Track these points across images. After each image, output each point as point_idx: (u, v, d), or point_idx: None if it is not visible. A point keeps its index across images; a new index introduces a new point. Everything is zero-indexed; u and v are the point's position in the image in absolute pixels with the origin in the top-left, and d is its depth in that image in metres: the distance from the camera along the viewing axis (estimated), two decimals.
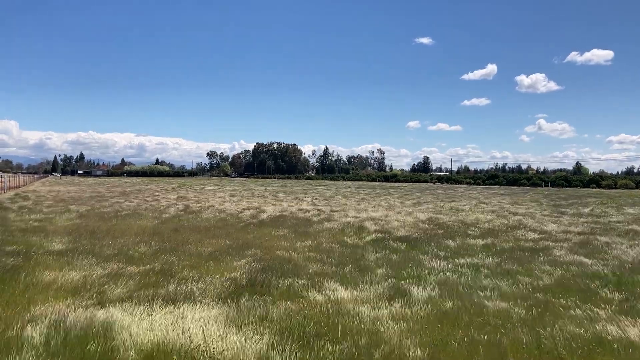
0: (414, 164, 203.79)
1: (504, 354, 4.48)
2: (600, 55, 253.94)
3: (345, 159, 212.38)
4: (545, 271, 8.26)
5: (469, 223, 15.98)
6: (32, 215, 16.67)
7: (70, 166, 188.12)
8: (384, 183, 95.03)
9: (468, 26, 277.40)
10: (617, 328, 5.21)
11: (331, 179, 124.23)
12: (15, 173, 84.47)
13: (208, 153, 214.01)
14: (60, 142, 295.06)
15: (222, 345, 4.48)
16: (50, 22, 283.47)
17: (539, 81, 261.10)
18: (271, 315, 5.44)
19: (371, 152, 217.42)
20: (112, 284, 6.76)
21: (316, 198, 31.34)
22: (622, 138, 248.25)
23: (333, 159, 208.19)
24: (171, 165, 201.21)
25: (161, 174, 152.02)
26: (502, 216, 18.84)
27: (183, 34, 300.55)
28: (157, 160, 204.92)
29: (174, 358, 4.20)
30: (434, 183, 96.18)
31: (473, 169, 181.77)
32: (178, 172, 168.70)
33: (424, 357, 4.40)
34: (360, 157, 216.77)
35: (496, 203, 28.19)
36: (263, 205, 23.65)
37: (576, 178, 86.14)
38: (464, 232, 13.58)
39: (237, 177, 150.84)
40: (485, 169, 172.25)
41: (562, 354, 4.50)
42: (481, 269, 8.27)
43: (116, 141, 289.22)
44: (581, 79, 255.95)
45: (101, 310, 5.44)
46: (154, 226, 14.07)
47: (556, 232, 13.75)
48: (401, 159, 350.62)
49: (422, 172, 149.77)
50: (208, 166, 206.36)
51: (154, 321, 5.07)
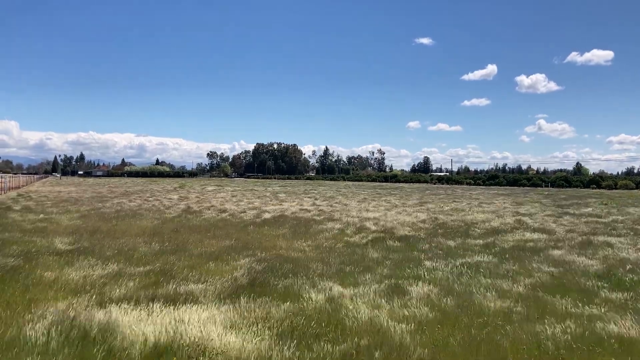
0: (414, 165, 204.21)
1: (505, 355, 4.48)
2: (600, 55, 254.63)
3: (345, 160, 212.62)
4: (545, 271, 8.26)
5: (469, 223, 15.98)
6: (33, 215, 16.67)
7: (70, 166, 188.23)
8: (384, 183, 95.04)
9: (468, 26, 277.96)
10: (618, 328, 5.21)
11: (331, 180, 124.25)
12: (15, 173, 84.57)
13: (208, 153, 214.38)
14: (60, 143, 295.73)
15: (223, 345, 4.48)
16: (50, 22, 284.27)
17: (539, 81, 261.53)
18: (271, 315, 5.45)
19: (371, 153, 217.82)
20: (113, 284, 6.77)
21: (317, 198, 31.34)
22: (622, 138, 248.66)
23: (333, 160, 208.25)
24: (171, 165, 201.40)
25: (161, 175, 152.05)
26: (503, 216, 18.83)
27: (183, 34, 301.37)
28: (158, 160, 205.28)
29: (174, 359, 4.21)
30: (434, 183, 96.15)
31: (473, 170, 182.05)
32: (178, 173, 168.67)
33: (425, 358, 4.40)
34: (360, 158, 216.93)
35: (496, 203, 28.18)
36: (264, 205, 23.65)
37: (576, 178, 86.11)
38: (465, 232, 13.57)
39: (237, 178, 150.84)
40: (485, 170, 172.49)
41: (563, 354, 4.50)
42: (481, 269, 8.27)
43: (116, 141, 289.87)
44: (581, 79, 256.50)
45: (101, 310, 5.44)
46: (155, 226, 14.07)
47: (557, 232, 13.74)
48: (401, 160, 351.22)
49: (422, 173, 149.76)
50: (208, 167, 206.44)
51: (154, 321, 5.07)
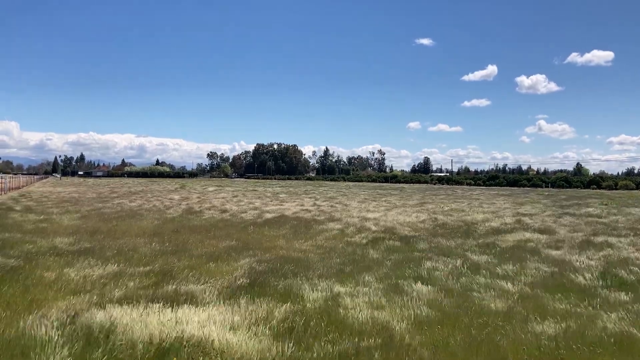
0: (415, 165, 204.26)
1: (505, 355, 4.48)
2: (600, 56, 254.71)
3: (345, 160, 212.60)
4: (545, 271, 8.26)
5: (470, 223, 15.98)
6: (33, 216, 16.68)
7: (70, 167, 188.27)
8: (385, 184, 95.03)
9: (468, 27, 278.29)
10: (619, 328, 5.21)
11: (331, 180, 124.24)
12: (15, 174, 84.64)
13: (208, 154, 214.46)
14: (60, 143, 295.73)
15: (223, 345, 4.48)
16: (50, 22, 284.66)
17: (539, 82, 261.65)
18: (272, 315, 5.45)
19: (371, 153, 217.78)
20: (113, 285, 6.77)
21: (317, 198, 31.34)
22: (623, 139, 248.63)
23: (333, 160, 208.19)
24: (171, 166, 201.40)
25: (161, 175, 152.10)
26: (503, 216, 18.82)
27: (183, 34, 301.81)
28: (158, 161, 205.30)
29: (174, 359, 4.21)
30: (435, 184, 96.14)
31: (473, 170, 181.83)
32: (178, 173, 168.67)
33: (425, 358, 4.40)
34: (360, 158, 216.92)
35: (496, 203, 28.17)
36: (264, 205, 23.65)
37: (576, 179, 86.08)
38: (465, 233, 13.57)
39: (238, 178, 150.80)
40: (485, 170, 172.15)
41: (563, 355, 4.50)
42: (481, 269, 8.26)
43: (116, 142, 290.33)
44: (581, 80, 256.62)
45: (102, 310, 5.44)
46: (156, 227, 14.08)
47: (557, 232, 13.73)
48: (401, 160, 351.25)
49: (423, 173, 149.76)
50: (208, 167, 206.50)
51: (155, 322, 5.07)
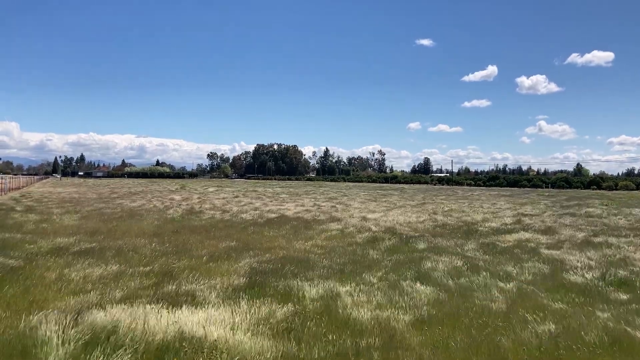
0: (415, 166, 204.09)
1: (505, 356, 4.48)
2: (600, 56, 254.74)
3: (345, 160, 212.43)
4: (546, 271, 8.26)
5: (470, 223, 15.98)
6: (33, 216, 16.67)
7: (70, 167, 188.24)
8: (385, 184, 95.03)
9: (468, 27, 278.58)
10: (619, 328, 5.21)
11: (332, 180, 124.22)
12: (15, 174, 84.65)
13: (208, 154, 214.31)
14: (60, 144, 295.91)
15: (223, 345, 4.49)
16: (50, 22, 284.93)
17: (540, 82, 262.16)
18: (272, 315, 5.45)
19: (372, 154, 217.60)
20: (114, 285, 6.77)
21: (317, 199, 31.35)
22: (623, 139, 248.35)
23: (333, 161, 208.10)
24: (171, 166, 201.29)
25: (161, 175, 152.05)
26: (503, 217, 18.83)
27: (183, 34, 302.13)
28: (158, 161, 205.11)
29: (175, 359, 4.21)
30: (435, 184, 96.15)
31: (473, 171, 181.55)
32: (178, 174, 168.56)
33: (425, 358, 4.40)
34: (360, 159, 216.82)
35: (497, 204, 28.18)
36: (265, 206, 23.65)
37: (577, 179, 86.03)
38: (465, 233, 13.57)
39: (238, 179, 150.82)
40: (485, 171, 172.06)
41: (563, 355, 4.50)
42: (482, 269, 8.26)
43: (117, 142, 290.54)
44: (582, 80, 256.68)
45: (102, 311, 5.44)
46: (156, 227, 14.08)
47: (557, 232, 13.73)
48: (402, 161, 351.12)
49: (423, 174, 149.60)
50: (208, 167, 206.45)
51: (156, 322, 5.07)
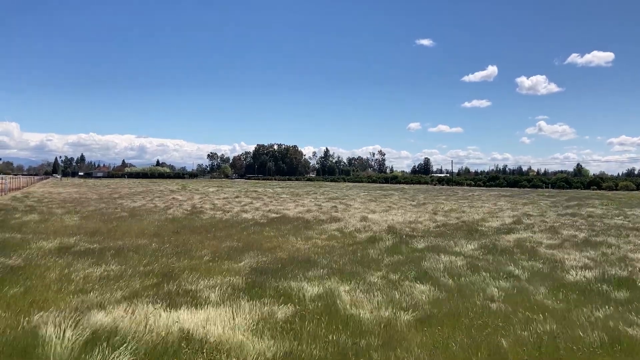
0: (415, 166, 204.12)
1: (505, 356, 4.48)
2: (600, 56, 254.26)
3: (345, 161, 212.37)
4: (546, 271, 8.26)
5: (470, 223, 15.98)
6: (33, 216, 16.68)
7: (70, 168, 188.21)
8: (385, 185, 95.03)
9: (468, 27, 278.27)
10: (619, 328, 5.21)
11: (332, 181, 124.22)
12: (16, 175, 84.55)
13: (209, 155, 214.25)
14: (61, 144, 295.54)
15: (224, 345, 4.49)
16: (50, 22, 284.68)
17: (540, 83, 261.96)
18: (273, 315, 5.45)
19: (372, 154, 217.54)
20: (114, 285, 6.77)
21: (318, 199, 31.35)
22: (623, 140, 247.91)
23: (333, 161, 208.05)
24: (172, 166, 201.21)
25: (162, 176, 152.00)
26: (503, 217, 18.83)
27: (183, 34, 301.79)
28: (158, 162, 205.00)
29: (175, 359, 4.21)
30: (435, 185, 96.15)
31: (473, 171, 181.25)
32: (178, 174, 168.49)
33: (425, 358, 4.40)
34: (360, 159, 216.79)
35: (497, 204, 28.18)
36: (265, 206, 23.65)
37: (577, 180, 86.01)
38: (465, 233, 13.56)
39: (238, 179, 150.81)
40: (485, 171, 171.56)
41: (563, 355, 4.50)
42: (482, 270, 8.26)
43: (117, 143, 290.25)
44: (582, 81, 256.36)
45: (103, 311, 5.44)
46: (157, 227, 14.08)
47: (557, 233, 13.73)
48: (402, 161, 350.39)
49: (423, 174, 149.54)
50: (209, 168, 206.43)
51: (156, 322, 5.07)
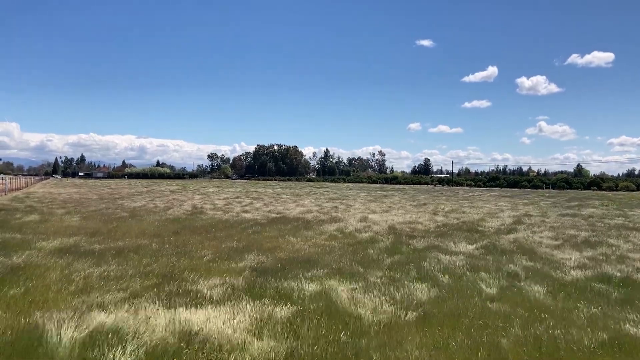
0: (415, 166, 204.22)
1: (505, 356, 4.48)
2: (600, 57, 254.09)
3: (345, 161, 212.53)
4: (546, 272, 8.26)
5: (470, 224, 15.98)
6: (33, 216, 16.68)
7: (71, 168, 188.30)
8: (385, 185, 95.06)
9: (468, 27, 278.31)
10: (619, 328, 5.21)
11: (332, 181, 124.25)
12: (16, 175, 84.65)
13: (209, 155, 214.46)
14: (61, 144, 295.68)
15: (224, 346, 4.49)
16: (50, 22, 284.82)
17: (540, 83, 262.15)
18: (273, 315, 5.45)
19: (372, 154, 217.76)
20: (114, 286, 6.77)
21: (319, 199, 31.36)
22: (623, 140, 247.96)
23: (334, 161, 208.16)
24: (172, 167, 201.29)
25: (162, 176, 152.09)
26: (503, 217, 18.83)
27: (183, 34, 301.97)
28: (158, 162, 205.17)
29: (175, 359, 4.22)
30: (435, 185, 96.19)
31: (474, 171, 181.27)
32: (179, 174, 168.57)
33: (425, 358, 4.40)
34: (360, 159, 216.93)
35: (497, 204, 28.18)
36: (266, 206, 23.65)
37: (577, 180, 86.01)
38: (465, 233, 13.56)
39: (238, 179, 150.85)
40: (485, 171, 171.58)
41: (563, 356, 4.50)
42: (482, 270, 8.26)
43: (117, 143, 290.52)
44: (582, 81, 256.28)
45: (103, 311, 5.45)
46: (157, 228, 14.07)
47: (557, 233, 13.73)
48: (402, 161, 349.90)
49: (423, 174, 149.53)
50: (209, 168, 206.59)
51: (157, 322, 5.08)
